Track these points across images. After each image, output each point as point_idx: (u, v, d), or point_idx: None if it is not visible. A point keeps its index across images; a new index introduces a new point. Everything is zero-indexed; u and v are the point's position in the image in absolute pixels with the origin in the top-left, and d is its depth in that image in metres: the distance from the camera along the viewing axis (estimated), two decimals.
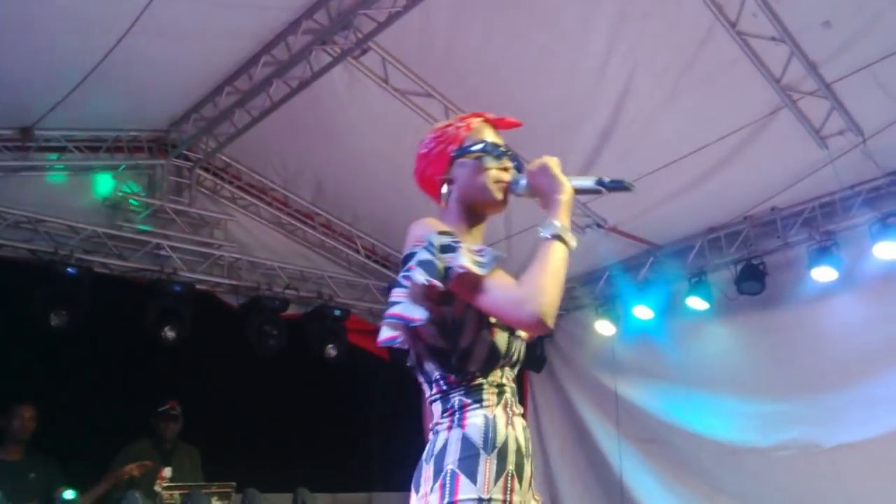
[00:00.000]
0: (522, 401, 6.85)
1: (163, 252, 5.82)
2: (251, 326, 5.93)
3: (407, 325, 1.82)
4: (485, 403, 1.81)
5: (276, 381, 6.13)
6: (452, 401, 1.82)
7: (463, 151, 1.98)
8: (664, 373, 6.50)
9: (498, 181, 1.96)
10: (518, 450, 1.80)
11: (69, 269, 5.21)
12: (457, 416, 1.80)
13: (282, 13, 4.85)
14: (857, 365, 5.63)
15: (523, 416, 1.92)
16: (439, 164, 2.01)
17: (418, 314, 1.78)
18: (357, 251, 6.78)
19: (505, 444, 1.77)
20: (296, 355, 6.21)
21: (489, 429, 1.77)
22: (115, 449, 5.11)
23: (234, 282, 6.08)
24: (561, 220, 1.83)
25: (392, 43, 5.04)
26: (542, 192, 1.93)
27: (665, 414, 6.49)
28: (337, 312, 6.34)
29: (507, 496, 1.73)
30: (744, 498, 6.03)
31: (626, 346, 6.74)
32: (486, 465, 1.72)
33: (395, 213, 6.44)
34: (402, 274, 1.82)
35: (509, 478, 1.74)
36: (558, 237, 1.80)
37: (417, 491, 1.79)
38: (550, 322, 1.71)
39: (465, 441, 1.75)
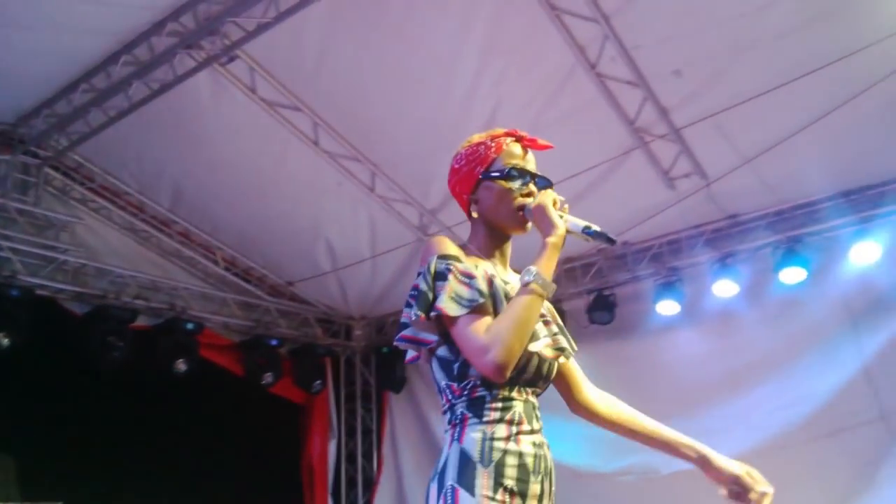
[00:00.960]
0: (380, 421, 6.84)
1: (1, 254, 5.44)
2: (94, 337, 5.62)
3: (419, 346, 1.92)
4: (485, 418, 1.81)
5: (118, 395, 5.83)
6: (456, 412, 1.85)
7: (489, 175, 2.00)
8: None
9: (518, 207, 1.99)
10: (521, 466, 1.79)
11: None
12: (457, 429, 1.83)
13: (146, 13, 4.69)
14: (695, 395, 5.94)
15: (537, 432, 1.90)
16: (467, 183, 2.02)
17: (429, 336, 1.87)
18: (216, 262, 6.57)
19: (502, 459, 1.77)
20: (142, 369, 5.93)
21: (485, 443, 1.79)
22: None
23: (78, 288, 5.73)
24: (541, 267, 1.85)
25: (262, 53, 4.97)
26: (539, 229, 1.95)
27: None
28: (189, 326, 6.11)
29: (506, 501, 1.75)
30: None
31: None
32: (483, 478, 1.75)
33: (258, 226, 6.33)
34: (410, 293, 1.88)
35: (507, 493, 1.75)
36: (533, 286, 1.83)
37: None
38: (507, 372, 1.76)
39: (463, 455, 1.78)
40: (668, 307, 5.91)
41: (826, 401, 5.48)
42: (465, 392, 1.85)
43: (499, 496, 1.74)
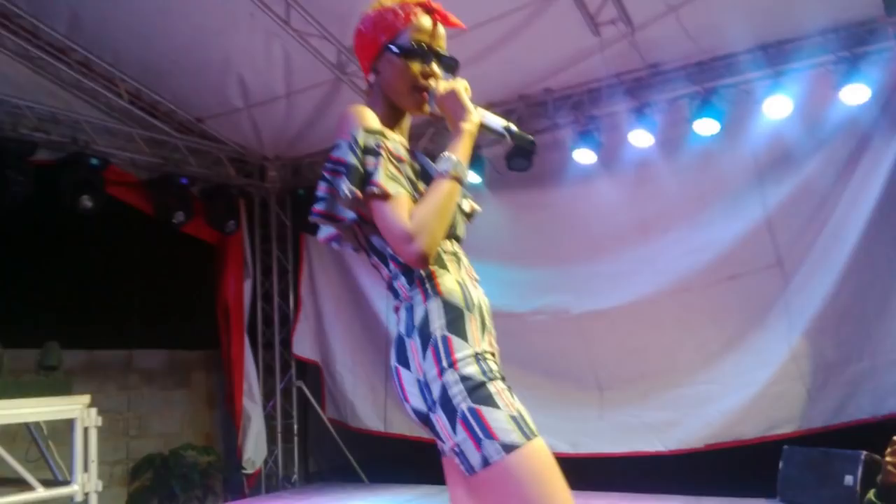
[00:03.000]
0: (297, 262, 6.91)
1: None
2: None
3: (334, 222, 1.85)
4: (450, 269, 1.85)
5: (22, 231, 5.62)
6: (417, 272, 1.83)
7: (392, 47, 1.90)
8: None
9: (416, 87, 1.92)
10: (481, 308, 1.86)
11: None
12: (428, 285, 1.82)
13: None
14: (607, 241, 6.17)
15: None
16: (370, 50, 1.95)
17: (345, 213, 1.82)
18: (119, 95, 6.20)
19: (479, 304, 1.85)
20: (46, 205, 5.70)
21: (465, 290, 1.84)
22: None
23: None
24: (458, 153, 1.84)
25: None
26: (448, 116, 1.92)
27: None
28: (94, 161, 5.83)
29: (493, 348, 1.84)
30: (502, 356, 6.51)
31: None
32: (472, 323, 1.80)
33: (164, 57, 5.96)
34: (327, 165, 1.82)
35: (486, 332, 1.83)
36: (453, 173, 1.81)
37: (409, 367, 1.79)
38: (431, 261, 1.77)
39: (448, 305, 1.79)
40: (585, 156, 5.97)
41: (729, 248, 5.78)
42: None
43: (485, 337, 1.83)
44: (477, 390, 1.71)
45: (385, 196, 1.76)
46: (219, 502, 7.07)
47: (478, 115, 1.92)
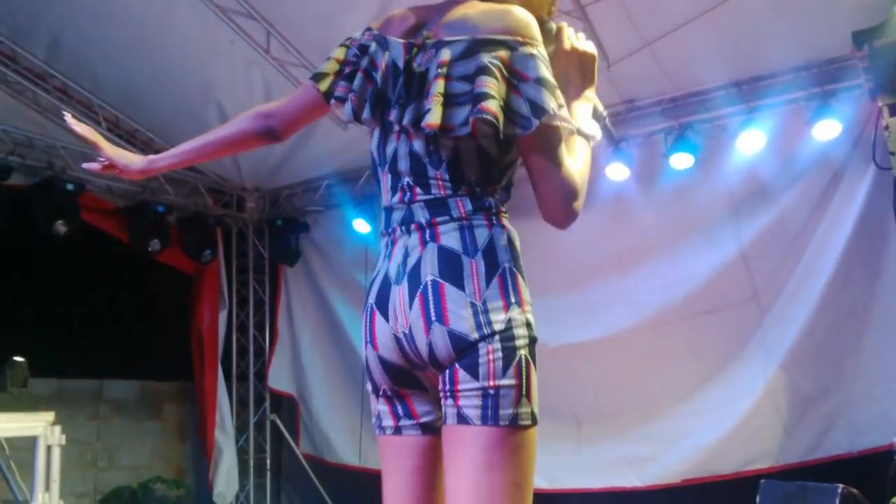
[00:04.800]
0: (275, 293, 6.81)
1: None
2: None
3: (496, 130, 1.53)
4: (507, 215, 1.68)
5: None
6: (487, 201, 1.63)
7: None
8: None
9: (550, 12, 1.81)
10: None
11: None
12: (494, 216, 1.63)
13: None
14: (582, 274, 6.18)
15: None
16: None
17: (526, 126, 1.54)
18: (98, 122, 6.18)
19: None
20: (18, 231, 5.64)
21: (516, 239, 1.66)
22: None
23: None
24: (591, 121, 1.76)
25: None
26: (576, 72, 1.80)
27: None
28: (70, 186, 5.78)
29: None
30: None
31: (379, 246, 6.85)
32: (523, 269, 1.63)
33: (143, 86, 5.97)
34: (522, 65, 1.55)
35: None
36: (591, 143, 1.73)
37: (462, 287, 1.54)
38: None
39: (511, 241, 1.62)
40: None
41: (705, 282, 5.79)
42: (498, 189, 1.69)
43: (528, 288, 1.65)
44: (533, 344, 1.56)
45: (571, 134, 1.63)
46: None
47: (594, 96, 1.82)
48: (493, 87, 1.52)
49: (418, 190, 1.65)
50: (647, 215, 5.92)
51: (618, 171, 5.77)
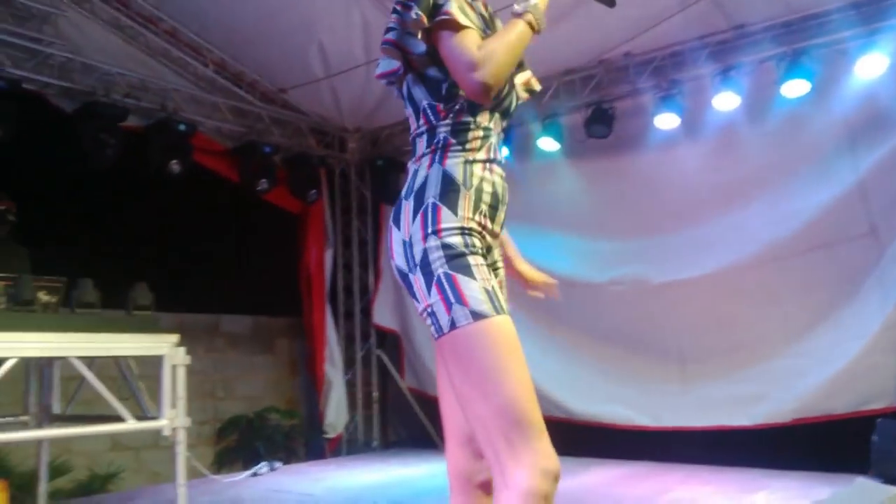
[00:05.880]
0: (377, 231, 6.91)
1: None
2: (86, 133, 5.52)
3: (404, 54, 1.85)
4: (468, 146, 1.86)
5: (113, 192, 5.85)
6: (438, 136, 1.86)
7: None
8: (513, 211, 6.67)
9: None
10: (493, 194, 1.87)
11: None
12: (438, 153, 1.85)
13: None
14: (690, 209, 6.00)
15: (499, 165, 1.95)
16: None
17: (415, 46, 1.82)
18: (205, 64, 6.38)
19: (480, 185, 1.84)
20: (136, 169, 5.90)
21: (467, 168, 1.84)
22: None
23: (66, 83, 5.55)
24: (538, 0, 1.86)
25: None
26: None
27: None
28: (182, 127, 6.01)
29: (483, 226, 1.83)
30: (580, 327, 6.45)
31: None
32: (466, 199, 1.81)
33: (248, 27, 6.09)
34: None
35: (482, 215, 1.83)
36: (528, 16, 1.83)
37: (399, 227, 1.84)
38: (492, 94, 1.78)
39: (446, 176, 1.82)
40: (667, 121, 5.81)
41: (818, 216, 5.52)
42: (451, 115, 1.86)
43: (477, 217, 1.83)
44: (456, 259, 1.75)
45: (455, 25, 1.76)
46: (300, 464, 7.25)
47: None
48: (393, 20, 1.84)
49: (411, 127, 1.93)
50: (757, 146, 5.67)
51: (727, 101, 5.54)
